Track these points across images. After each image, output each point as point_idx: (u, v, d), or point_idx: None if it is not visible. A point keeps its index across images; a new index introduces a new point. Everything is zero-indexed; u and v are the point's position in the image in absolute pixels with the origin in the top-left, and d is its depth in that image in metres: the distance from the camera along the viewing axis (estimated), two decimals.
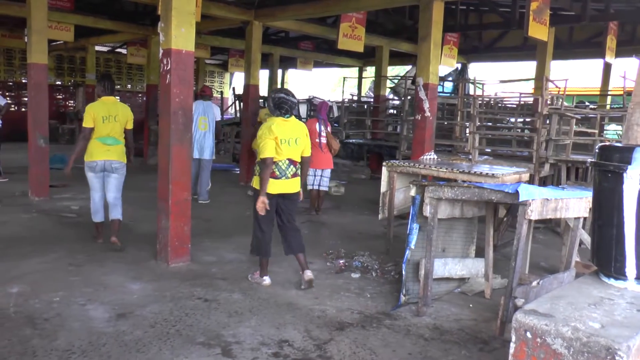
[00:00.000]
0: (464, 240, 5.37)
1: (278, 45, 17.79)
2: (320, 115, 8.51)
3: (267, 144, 4.85)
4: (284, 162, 4.97)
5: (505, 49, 15.29)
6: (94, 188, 6.30)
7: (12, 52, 19.24)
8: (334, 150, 8.54)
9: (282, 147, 4.91)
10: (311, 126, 8.33)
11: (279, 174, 4.97)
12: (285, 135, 4.94)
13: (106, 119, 6.05)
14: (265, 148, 4.85)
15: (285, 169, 4.99)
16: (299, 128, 5.09)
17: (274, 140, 4.87)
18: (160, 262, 5.73)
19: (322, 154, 8.40)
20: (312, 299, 4.90)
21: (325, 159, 8.50)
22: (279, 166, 4.96)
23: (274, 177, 4.95)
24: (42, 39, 8.79)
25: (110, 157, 6.16)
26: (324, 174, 8.52)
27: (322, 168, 8.47)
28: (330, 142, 8.42)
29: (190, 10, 5.58)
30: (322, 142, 8.35)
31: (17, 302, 4.50)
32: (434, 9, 8.28)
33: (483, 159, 8.68)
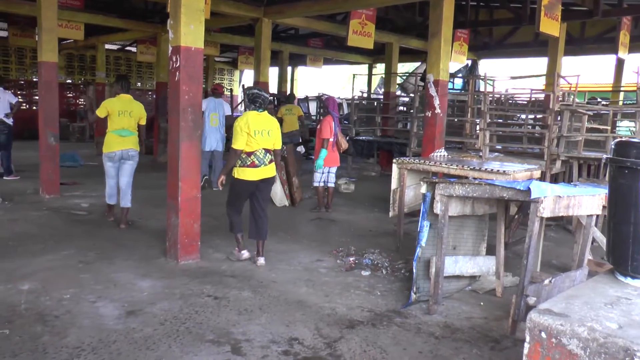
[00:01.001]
0: (475, 237, 5.33)
1: (287, 42, 17.79)
2: (334, 113, 8.45)
3: (241, 136, 5.45)
4: (261, 151, 5.56)
5: (516, 45, 15.20)
6: (110, 175, 7.15)
7: (23, 51, 19.36)
8: (342, 149, 8.53)
9: (256, 138, 5.49)
10: (329, 125, 8.29)
11: (258, 162, 5.56)
12: (259, 127, 5.52)
13: (122, 113, 6.91)
14: (237, 140, 5.47)
15: (263, 157, 5.59)
16: (271, 121, 5.70)
17: (247, 133, 5.44)
18: (169, 260, 5.73)
19: (332, 152, 8.39)
20: (322, 297, 4.88)
21: (334, 157, 8.48)
22: (257, 155, 5.54)
23: (254, 165, 5.54)
24: (52, 37, 8.81)
25: (127, 146, 7.02)
26: (330, 171, 8.51)
27: (329, 166, 8.44)
28: (340, 140, 8.40)
29: (199, 7, 5.56)
30: (333, 140, 8.31)
31: (28, 299, 4.52)
32: (445, 5, 8.22)
33: (494, 155, 8.61)
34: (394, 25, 14.34)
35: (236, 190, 5.73)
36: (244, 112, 5.70)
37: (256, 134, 5.47)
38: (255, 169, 5.55)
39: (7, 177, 10.31)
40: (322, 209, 8.57)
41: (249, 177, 5.55)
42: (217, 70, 25.55)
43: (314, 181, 8.54)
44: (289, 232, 7.25)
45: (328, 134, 8.23)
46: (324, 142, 8.24)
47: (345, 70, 27.25)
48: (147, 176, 11.41)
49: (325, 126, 8.27)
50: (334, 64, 22.94)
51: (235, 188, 5.70)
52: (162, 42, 14.72)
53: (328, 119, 8.36)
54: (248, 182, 5.58)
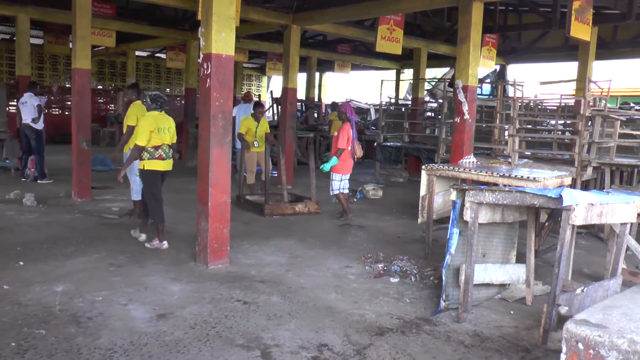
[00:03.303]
0: (505, 245, 5.28)
1: (315, 48, 17.86)
2: (353, 118, 8.45)
3: (146, 134, 6.13)
4: (165, 146, 6.31)
5: (545, 49, 14.99)
6: None
7: (57, 58, 19.79)
8: (357, 156, 8.52)
9: (160, 134, 6.22)
10: (347, 133, 8.28)
11: (164, 155, 6.32)
12: (162, 125, 6.28)
13: None
14: (143, 137, 6.12)
15: (168, 152, 6.36)
16: (170, 120, 6.46)
17: (151, 131, 6.13)
18: (199, 264, 5.79)
19: (350, 160, 8.43)
20: (351, 303, 4.88)
21: (350, 165, 8.50)
22: (164, 149, 6.30)
23: (162, 158, 6.29)
24: (86, 45, 9.01)
25: None
26: (345, 178, 8.49)
27: (344, 173, 8.44)
28: (356, 148, 8.40)
29: (230, 15, 5.63)
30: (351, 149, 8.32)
31: (62, 300, 4.62)
32: (473, 10, 8.19)
33: (523, 162, 8.53)
34: (422, 31, 14.31)
35: (150, 180, 6.36)
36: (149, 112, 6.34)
37: (160, 131, 6.22)
38: (163, 161, 6.32)
39: (41, 181, 10.54)
40: (350, 215, 8.53)
41: (158, 167, 6.30)
42: (245, 76, 25.75)
43: (332, 189, 8.47)
44: (317, 238, 7.27)
45: (344, 144, 8.23)
46: (339, 151, 8.26)
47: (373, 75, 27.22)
48: (176, 181, 11.55)
49: (343, 135, 8.25)
50: (361, 69, 22.93)
51: (149, 179, 6.34)
52: (191, 49, 14.91)
53: (346, 126, 8.33)
54: (155, 172, 6.32)
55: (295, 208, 8.69)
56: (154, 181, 6.39)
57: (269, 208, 8.51)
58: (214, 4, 5.48)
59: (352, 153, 8.37)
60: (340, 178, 8.39)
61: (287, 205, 8.76)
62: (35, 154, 10.61)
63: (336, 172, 8.38)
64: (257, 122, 9.47)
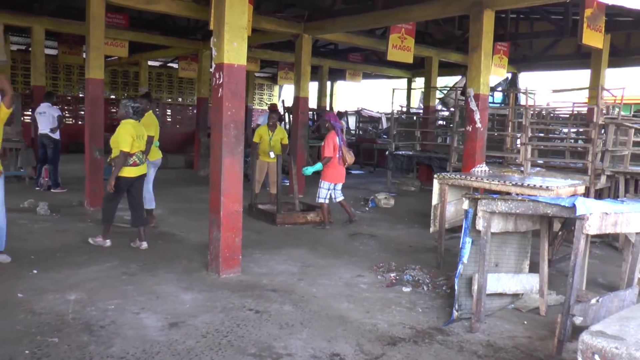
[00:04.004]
0: (518, 254, 5.24)
1: (327, 57, 17.90)
2: (337, 125, 8.44)
3: (129, 141, 6.46)
4: (139, 153, 6.68)
5: (557, 57, 14.94)
6: (151, 181, 7.75)
7: (71, 68, 19.98)
8: (347, 163, 8.47)
9: (137, 141, 6.60)
10: (333, 141, 8.29)
11: (139, 161, 6.68)
12: (139, 133, 6.66)
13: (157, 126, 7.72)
14: (127, 144, 6.46)
15: (142, 157, 6.74)
16: (142, 128, 6.88)
17: (132, 138, 6.47)
18: (211, 273, 5.80)
19: (340, 167, 8.39)
20: (363, 313, 4.87)
21: (340, 173, 8.46)
22: (138, 156, 6.65)
23: (135, 164, 6.62)
24: (99, 55, 9.09)
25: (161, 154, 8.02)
26: (336, 187, 8.48)
27: (335, 182, 8.43)
28: (344, 155, 8.34)
29: (242, 25, 5.65)
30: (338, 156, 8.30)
31: (75, 308, 4.64)
32: (485, 19, 8.18)
33: (535, 170, 8.48)
34: (433, 39, 14.30)
35: (119, 186, 6.58)
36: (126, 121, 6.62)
37: (137, 139, 6.60)
38: (136, 167, 6.66)
39: (55, 190, 10.62)
40: (327, 227, 8.45)
41: (130, 174, 6.61)
42: (256, 85, 25.85)
43: (318, 197, 8.46)
44: (329, 247, 7.26)
45: (330, 152, 8.25)
46: (325, 159, 8.33)
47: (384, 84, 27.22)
48: (188, 190, 11.63)
49: (329, 143, 8.29)
50: (373, 78, 22.95)
51: (117, 185, 6.55)
52: (203, 59, 15.01)
53: (332, 135, 8.36)
54: (128, 179, 6.62)
55: (307, 217, 8.68)
56: (121, 188, 6.67)
57: (281, 217, 8.52)
58: (226, 14, 5.51)
59: (340, 160, 8.32)
60: (328, 186, 8.38)
61: (298, 215, 8.76)
62: (50, 163, 10.71)
63: (324, 180, 8.39)
64: (272, 131, 9.46)
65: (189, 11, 10.15)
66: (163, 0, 9.66)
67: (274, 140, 9.44)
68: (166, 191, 10.71)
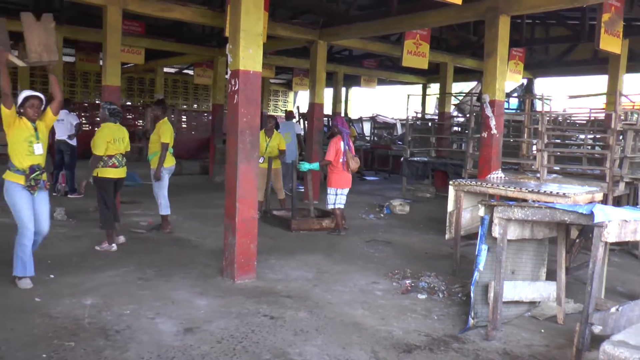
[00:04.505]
0: (534, 262, 5.19)
1: (342, 63, 17.92)
2: (344, 129, 8.37)
3: (103, 144, 6.65)
4: (119, 155, 6.84)
5: (574, 62, 14.80)
6: (166, 187, 7.90)
7: (88, 75, 20.19)
8: (351, 169, 8.36)
9: (115, 144, 6.75)
10: (336, 145, 8.25)
11: (118, 163, 6.84)
12: (117, 136, 6.80)
13: (173, 134, 7.83)
14: (100, 147, 6.64)
15: (121, 160, 6.89)
16: (123, 130, 7.00)
17: (108, 142, 6.66)
18: (226, 279, 5.80)
19: (345, 173, 8.31)
20: (378, 320, 4.84)
21: (346, 179, 8.36)
22: (117, 158, 6.82)
23: (115, 166, 6.81)
24: (116, 62, 9.18)
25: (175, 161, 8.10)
26: (342, 193, 8.40)
27: (341, 187, 8.36)
28: (348, 161, 8.25)
29: (257, 31, 5.68)
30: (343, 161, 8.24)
31: (91, 313, 4.67)
32: (500, 24, 8.14)
33: (552, 177, 8.40)
34: (448, 45, 14.26)
35: (103, 187, 6.83)
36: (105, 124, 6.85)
37: (115, 141, 6.75)
38: (116, 169, 6.84)
39: (71, 196, 10.72)
40: (342, 232, 8.41)
41: (110, 175, 6.80)
42: (272, 92, 25.93)
43: (328, 204, 8.44)
44: (344, 253, 7.24)
45: (330, 156, 8.22)
46: (323, 162, 8.46)
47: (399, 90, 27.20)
48: (203, 195, 11.67)
49: (331, 147, 8.25)
50: (388, 84, 22.92)
51: (101, 186, 6.82)
52: (218, 65, 15.08)
53: (336, 139, 8.32)
54: (109, 180, 6.81)
55: (322, 223, 8.67)
56: (107, 189, 6.85)
57: (296, 223, 8.52)
58: (242, 21, 5.54)
59: (345, 165, 8.26)
60: (334, 192, 8.34)
61: (313, 221, 8.75)
62: (67, 169, 10.83)
63: (330, 186, 8.37)
64: (268, 137, 9.36)
65: (204, 18, 10.21)
66: (178, 7, 9.73)
67: (270, 147, 9.36)
68: (181, 197, 10.77)
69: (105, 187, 6.85)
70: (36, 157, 5.24)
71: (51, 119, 5.47)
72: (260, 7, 5.71)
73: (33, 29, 5.23)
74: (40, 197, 5.33)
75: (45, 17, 5.32)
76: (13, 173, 5.18)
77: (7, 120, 5.14)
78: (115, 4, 8.93)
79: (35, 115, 5.26)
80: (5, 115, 5.11)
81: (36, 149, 5.24)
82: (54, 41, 5.36)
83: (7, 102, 5.06)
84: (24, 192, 5.20)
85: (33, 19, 5.24)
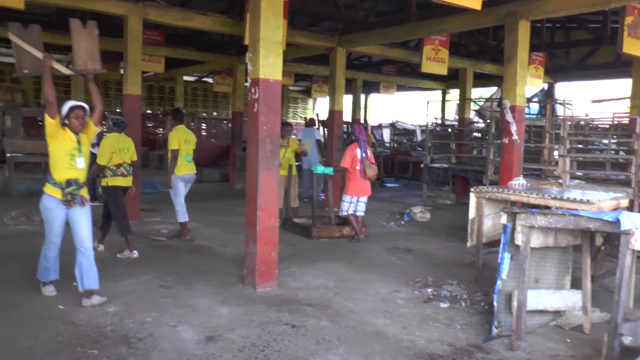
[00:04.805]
0: (558, 270, 5.11)
1: (361, 70, 17.93)
2: (361, 137, 8.33)
3: (107, 154, 6.81)
4: (126, 164, 6.97)
5: (595, 66, 14.62)
6: (182, 194, 7.97)
7: (109, 84, 20.47)
8: (368, 177, 8.28)
9: (120, 154, 6.86)
10: (352, 152, 8.21)
11: (126, 172, 6.98)
12: (122, 146, 6.93)
13: (185, 141, 7.91)
14: (104, 157, 6.80)
15: (129, 169, 7.01)
16: (129, 140, 7.13)
17: (113, 152, 6.80)
18: (247, 287, 5.80)
19: (362, 181, 8.26)
20: (400, 329, 4.80)
21: (363, 186, 8.31)
22: (125, 167, 6.95)
23: (124, 175, 6.93)
24: (136, 71, 9.29)
25: (194, 170, 8.10)
26: (360, 200, 8.35)
27: (358, 195, 8.31)
28: (365, 169, 8.18)
29: (277, 40, 5.69)
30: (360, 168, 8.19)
31: (113, 321, 4.70)
32: (520, 29, 8.09)
33: (575, 183, 8.30)
34: (468, 50, 14.20)
35: (115, 195, 6.96)
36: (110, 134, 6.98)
37: (120, 151, 6.87)
38: (124, 178, 6.96)
39: (92, 203, 10.75)
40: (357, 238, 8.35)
41: (120, 183, 6.93)
42: (291, 99, 26.01)
43: (340, 210, 8.44)
44: (365, 261, 7.21)
45: (345, 163, 8.21)
46: (337, 168, 8.52)
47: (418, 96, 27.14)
48: (223, 203, 11.72)
49: (346, 155, 8.25)
50: (407, 90, 22.88)
51: (113, 193, 6.95)
52: (238, 73, 15.16)
53: (352, 146, 8.30)
54: (119, 188, 6.96)
55: (343, 231, 8.64)
56: (118, 195, 6.99)
57: (317, 231, 8.50)
58: (262, 30, 5.55)
59: (361, 173, 8.21)
60: (349, 200, 8.31)
61: (334, 228, 8.73)
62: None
63: (346, 194, 8.35)
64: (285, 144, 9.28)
65: (224, 27, 10.29)
66: (198, 16, 9.82)
67: (289, 152, 9.34)
68: (201, 204, 10.81)
69: (116, 195, 6.98)
70: (77, 171, 5.03)
71: (93, 130, 5.24)
72: (279, 16, 5.72)
73: (80, 35, 5.05)
74: (77, 212, 5.08)
75: (90, 24, 5.15)
76: (51, 186, 5.00)
77: (51, 130, 4.93)
78: (136, 13, 9.05)
79: (80, 127, 5.04)
80: (49, 124, 4.90)
81: (78, 162, 5.03)
82: (98, 49, 5.21)
83: (52, 111, 4.88)
84: (59, 206, 5.02)
85: (80, 25, 5.07)
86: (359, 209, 8.39)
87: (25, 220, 8.60)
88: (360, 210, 8.40)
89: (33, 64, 5.02)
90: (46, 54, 4.97)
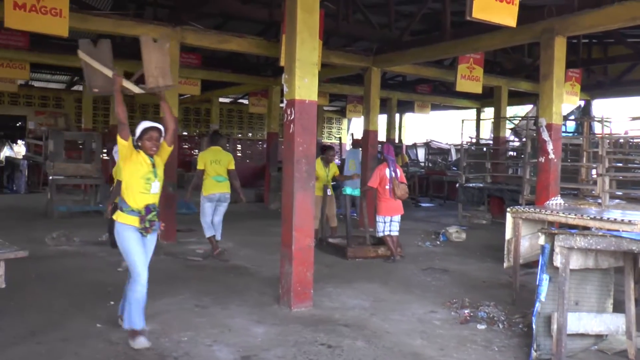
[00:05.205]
0: (599, 293, 4.98)
1: (395, 89, 17.97)
2: (389, 157, 8.36)
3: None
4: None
5: (635, 82, 14.36)
6: (207, 214, 8.14)
7: (147, 107, 20.88)
8: (397, 197, 8.28)
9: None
10: (380, 172, 8.28)
11: None
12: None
13: (213, 162, 8.02)
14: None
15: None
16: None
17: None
18: (282, 307, 5.81)
19: (392, 200, 8.28)
20: (437, 350, 4.74)
21: (394, 206, 8.34)
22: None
23: None
24: (173, 94, 9.38)
25: (223, 189, 8.09)
26: (393, 220, 8.36)
27: (390, 215, 8.32)
28: (394, 189, 8.19)
29: (313, 61, 5.76)
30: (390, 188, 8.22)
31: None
32: (556, 46, 7.99)
33: (614, 203, 8.12)
34: (502, 68, 14.11)
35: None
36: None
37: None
38: None
39: None
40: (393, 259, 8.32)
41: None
42: (325, 119, 26.14)
43: (377, 231, 8.44)
44: (400, 281, 7.16)
45: (373, 183, 8.29)
46: (365, 187, 8.61)
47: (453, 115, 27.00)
48: (259, 223, 11.80)
49: (375, 174, 8.35)
50: (441, 109, 22.80)
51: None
52: (273, 94, 15.32)
53: (381, 166, 8.38)
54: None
55: (378, 251, 8.60)
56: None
57: (352, 251, 8.49)
58: (298, 51, 5.63)
59: (391, 193, 8.22)
60: (383, 220, 8.32)
61: (369, 248, 8.70)
62: None
63: (379, 214, 8.38)
64: (327, 167, 9.35)
65: (260, 49, 10.44)
66: (235, 39, 10.00)
67: (330, 175, 9.36)
68: (237, 225, 10.89)
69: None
70: (152, 195, 4.65)
71: (167, 151, 4.85)
72: (315, 37, 5.80)
73: (151, 51, 4.78)
74: (151, 239, 4.76)
75: (161, 39, 4.97)
76: (126, 214, 4.58)
77: (124, 152, 4.60)
78: (174, 38, 9.23)
79: (154, 150, 4.68)
80: (122, 147, 4.59)
81: (153, 187, 4.65)
82: (169, 65, 4.98)
83: (124, 133, 4.57)
84: (137, 234, 4.60)
85: (151, 40, 4.84)
86: (393, 229, 8.38)
87: (65, 241, 8.80)
88: (395, 230, 8.39)
89: (103, 83, 4.82)
90: (116, 72, 4.77)
